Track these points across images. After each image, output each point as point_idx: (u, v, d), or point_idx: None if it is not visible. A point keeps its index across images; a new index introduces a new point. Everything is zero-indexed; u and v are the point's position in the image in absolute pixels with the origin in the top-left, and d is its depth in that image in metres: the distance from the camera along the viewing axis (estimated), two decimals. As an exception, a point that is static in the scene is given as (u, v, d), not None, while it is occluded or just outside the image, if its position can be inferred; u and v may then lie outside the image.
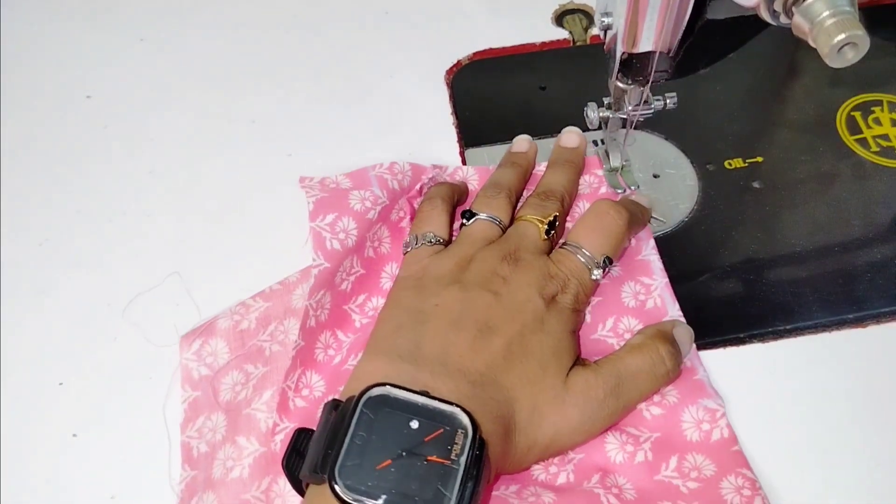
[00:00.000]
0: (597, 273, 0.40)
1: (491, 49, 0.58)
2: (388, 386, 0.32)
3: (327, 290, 0.41)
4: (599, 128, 0.47)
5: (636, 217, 0.42)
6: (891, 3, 0.58)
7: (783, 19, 0.32)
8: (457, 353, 0.36)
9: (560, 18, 0.59)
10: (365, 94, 0.55)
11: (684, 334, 0.39)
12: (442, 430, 0.31)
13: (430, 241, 0.42)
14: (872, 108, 0.51)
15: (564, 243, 0.41)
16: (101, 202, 0.50)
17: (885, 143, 0.50)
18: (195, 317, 0.44)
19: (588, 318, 0.41)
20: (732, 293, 0.43)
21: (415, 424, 0.31)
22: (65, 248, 0.48)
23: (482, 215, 0.43)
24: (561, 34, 0.58)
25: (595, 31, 0.58)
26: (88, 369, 0.43)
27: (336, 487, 0.30)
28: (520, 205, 0.45)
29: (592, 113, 0.45)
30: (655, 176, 0.49)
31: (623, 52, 0.39)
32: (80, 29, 0.61)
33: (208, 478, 0.38)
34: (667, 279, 0.42)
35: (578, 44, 0.58)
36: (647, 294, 0.42)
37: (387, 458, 0.30)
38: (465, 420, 0.32)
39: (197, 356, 0.42)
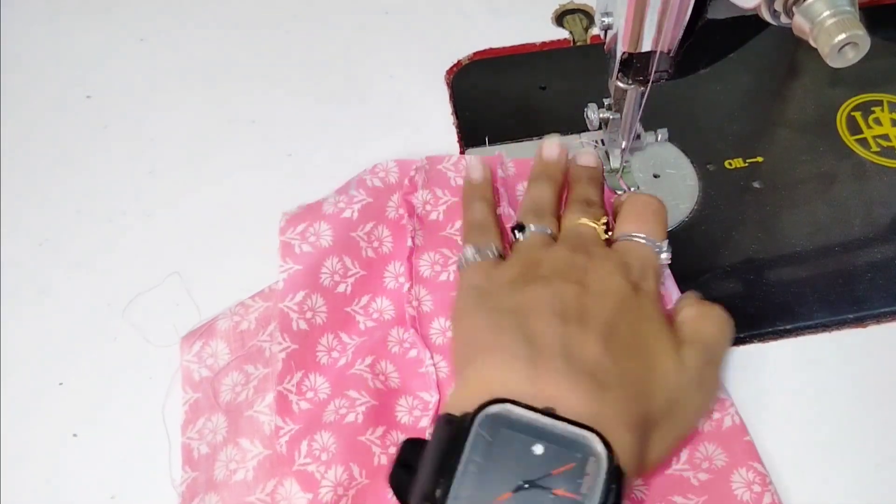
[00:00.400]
0: (665, 255, 0.39)
1: (491, 49, 0.57)
2: (507, 403, 0.29)
3: (314, 293, 0.41)
4: (599, 128, 0.47)
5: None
6: (891, 3, 0.58)
7: (783, 19, 0.32)
8: (576, 343, 0.32)
9: (560, 18, 0.59)
10: (365, 94, 0.55)
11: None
12: (570, 458, 0.28)
13: (494, 253, 0.40)
14: (873, 108, 0.51)
15: (618, 238, 0.39)
16: (101, 202, 0.50)
17: (885, 143, 0.49)
18: (195, 317, 0.44)
19: None
20: (732, 293, 0.43)
21: (539, 450, 0.28)
22: (65, 248, 0.48)
23: (533, 227, 0.40)
24: (561, 34, 0.58)
25: (595, 30, 0.58)
26: (88, 369, 0.43)
27: None
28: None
29: (593, 114, 0.45)
30: (655, 176, 0.49)
31: (623, 52, 0.39)
32: (80, 29, 0.61)
33: (210, 479, 0.38)
34: (667, 270, 0.42)
35: (579, 44, 0.58)
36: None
37: (507, 490, 0.27)
38: (599, 446, 0.28)
39: (197, 358, 0.42)
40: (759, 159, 0.49)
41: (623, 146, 0.47)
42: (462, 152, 0.51)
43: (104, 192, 0.51)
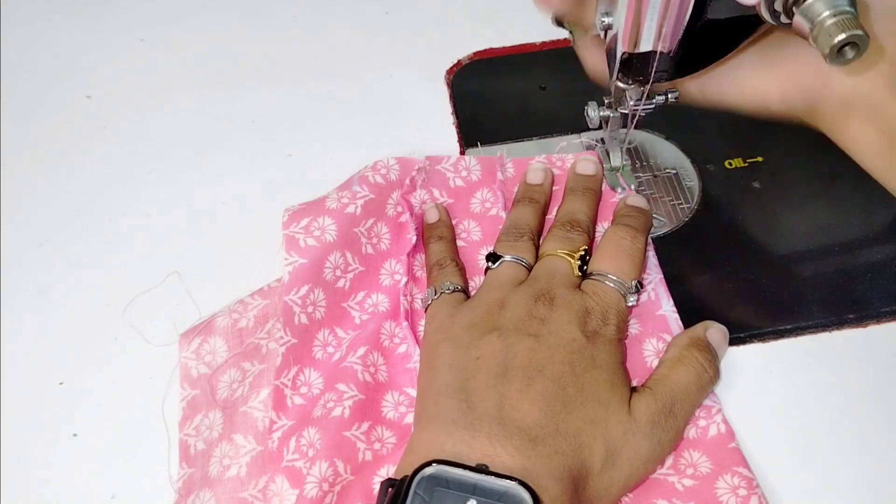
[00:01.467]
0: (632, 299, 0.39)
1: (491, 49, 0.57)
2: (440, 465, 0.31)
3: (316, 287, 0.42)
4: (600, 127, 0.47)
5: (648, 230, 0.42)
6: (891, 2, 0.58)
7: (783, 19, 0.32)
8: (511, 407, 0.34)
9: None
10: (365, 94, 0.55)
11: (718, 334, 0.39)
12: None
13: (449, 289, 0.41)
14: (873, 108, 0.51)
15: (590, 274, 0.40)
16: (101, 202, 0.50)
17: (885, 143, 0.49)
18: (195, 317, 0.44)
19: None
20: (732, 293, 0.43)
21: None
22: (65, 248, 0.48)
23: (507, 257, 0.41)
24: (561, 34, 0.58)
25: (595, 31, 0.58)
26: (88, 369, 0.43)
27: None
28: (543, 236, 0.43)
29: (593, 112, 0.45)
30: (655, 176, 0.49)
31: (623, 52, 0.39)
32: (80, 29, 0.61)
33: (205, 476, 0.38)
34: (661, 275, 0.43)
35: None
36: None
37: None
38: (527, 496, 0.30)
39: (196, 355, 0.42)
40: (760, 159, 0.49)
41: (623, 146, 0.47)
42: (462, 152, 0.51)
43: (104, 192, 0.51)
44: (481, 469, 0.31)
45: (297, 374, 0.40)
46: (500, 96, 0.55)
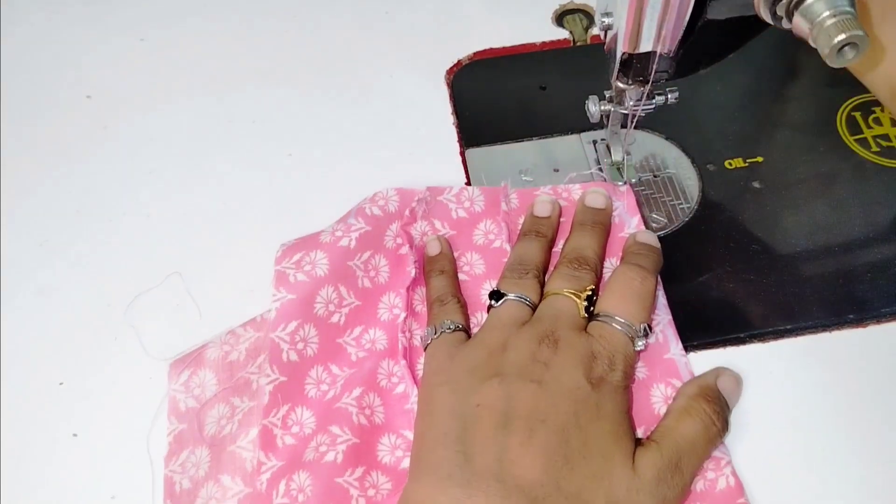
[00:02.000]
0: (640, 343, 0.38)
1: (491, 49, 0.57)
2: None
3: (306, 323, 0.41)
4: (600, 121, 0.47)
5: (658, 270, 0.41)
6: (891, 2, 0.58)
7: (783, 19, 0.32)
8: (511, 462, 0.33)
9: (560, 18, 0.59)
10: (365, 93, 0.55)
11: (730, 382, 0.38)
12: None
13: (450, 328, 0.40)
14: (873, 108, 0.51)
15: (597, 315, 0.38)
16: (101, 202, 0.50)
17: (885, 144, 0.49)
18: (195, 317, 0.44)
19: None
20: (732, 293, 0.43)
21: None
22: (65, 248, 0.48)
23: (511, 296, 0.40)
24: (561, 34, 0.58)
25: (595, 30, 0.58)
26: (88, 369, 0.43)
27: None
28: (549, 272, 0.42)
29: (594, 106, 0.45)
30: (655, 176, 0.49)
31: (623, 53, 0.39)
32: (80, 29, 0.61)
33: None
34: (670, 317, 0.41)
35: (579, 44, 0.58)
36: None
37: None
38: None
39: (185, 387, 0.41)
40: (760, 159, 0.49)
41: (623, 146, 0.47)
42: (462, 152, 0.51)
43: (104, 192, 0.51)
44: None
45: (288, 413, 0.39)
46: (500, 96, 0.55)
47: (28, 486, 0.39)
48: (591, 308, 0.39)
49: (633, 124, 0.44)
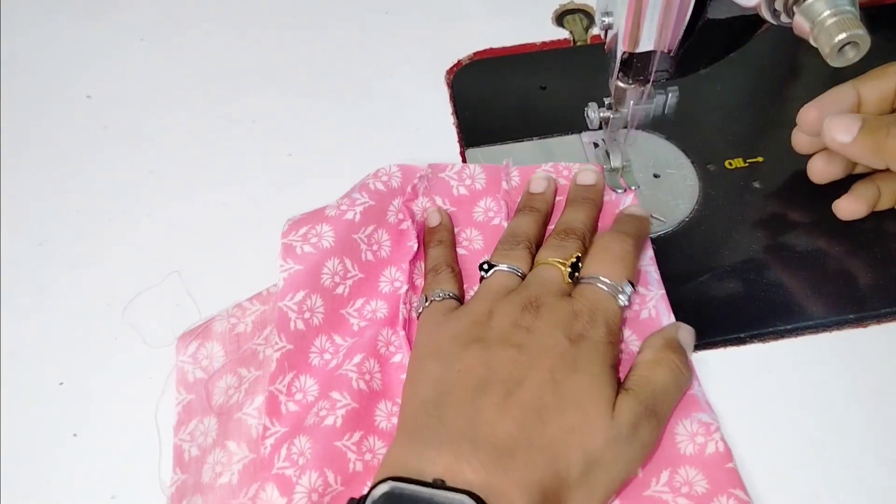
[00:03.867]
0: (623, 298, 0.38)
1: (491, 49, 0.58)
2: (394, 482, 0.31)
3: (313, 293, 0.41)
4: (600, 128, 0.47)
5: (640, 235, 0.42)
6: (891, 3, 0.58)
7: (784, 19, 0.32)
8: (484, 422, 0.33)
9: (560, 18, 0.59)
10: (365, 93, 0.55)
11: (687, 336, 0.39)
12: None
13: (440, 297, 0.41)
14: (873, 108, 0.51)
15: (580, 279, 0.39)
16: (101, 202, 0.50)
17: (885, 143, 0.49)
18: (195, 317, 0.44)
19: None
20: (732, 293, 0.43)
21: None
22: (65, 248, 0.48)
23: (501, 266, 0.40)
24: (561, 34, 0.58)
25: (596, 30, 0.58)
26: (88, 369, 0.43)
27: None
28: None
29: (593, 113, 0.45)
30: (656, 176, 0.49)
31: (624, 52, 0.39)
32: (80, 29, 0.61)
33: (198, 482, 0.38)
34: (663, 291, 0.42)
35: (579, 44, 0.58)
36: (641, 304, 0.41)
37: None
38: None
39: (193, 359, 0.42)
40: (760, 159, 0.49)
41: (623, 146, 0.47)
42: (462, 152, 0.51)
43: (104, 192, 0.51)
44: (437, 485, 0.31)
45: (292, 381, 0.40)
46: (500, 96, 0.55)
47: (28, 486, 0.39)
48: (577, 274, 0.40)
49: (634, 125, 0.44)
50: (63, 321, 0.45)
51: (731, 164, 0.49)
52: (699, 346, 0.41)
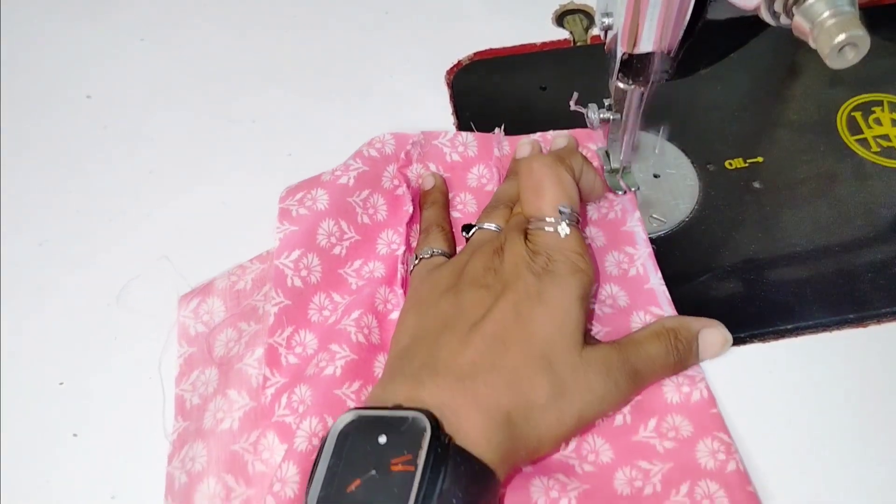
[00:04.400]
0: (563, 228, 0.38)
1: (491, 49, 0.58)
2: (357, 410, 0.33)
3: (309, 252, 0.42)
4: (600, 129, 0.47)
5: (562, 153, 0.42)
6: (891, 2, 0.58)
7: (783, 20, 0.32)
8: (447, 354, 0.35)
9: (560, 18, 0.59)
10: (365, 93, 0.55)
11: (714, 336, 0.39)
12: (407, 440, 0.31)
13: (428, 254, 0.42)
14: (873, 109, 0.51)
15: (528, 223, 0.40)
16: (101, 202, 0.50)
17: (885, 144, 0.49)
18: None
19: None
20: (732, 293, 0.43)
21: (382, 440, 0.31)
22: (65, 248, 0.48)
23: (484, 225, 0.42)
24: (561, 34, 0.58)
25: (596, 31, 0.58)
26: (88, 369, 0.43)
27: None
28: None
29: (593, 114, 0.45)
30: (656, 176, 0.49)
31: (624, 53, 0.39)
32: (80, 29, 0.61)
33: (199, 428, 0.39)
34: (650, 249, 0.43)
35: (579, 44, 0.58)
36: (629, 263, 0.43)
37: (356, 479, 0.30)
38: (426, 422, 0.31)
39: (194, 314, 0.43)
40: (760, 159, 0.49)
41: (623, 147, 0.47)
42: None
43: (104, 192, 0.51)
44: (396, 408, 0.32)
45: (292, 335, 0.41)
46: (500, 96, 0.55)
47: (28, 486, 0.39)
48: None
49: (637, 126, 0.44)
50: (63, 321, 0.45)
51: (731, 164, 0.49)
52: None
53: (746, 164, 0.49)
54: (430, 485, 0.30)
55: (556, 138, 0.48)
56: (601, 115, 0.45)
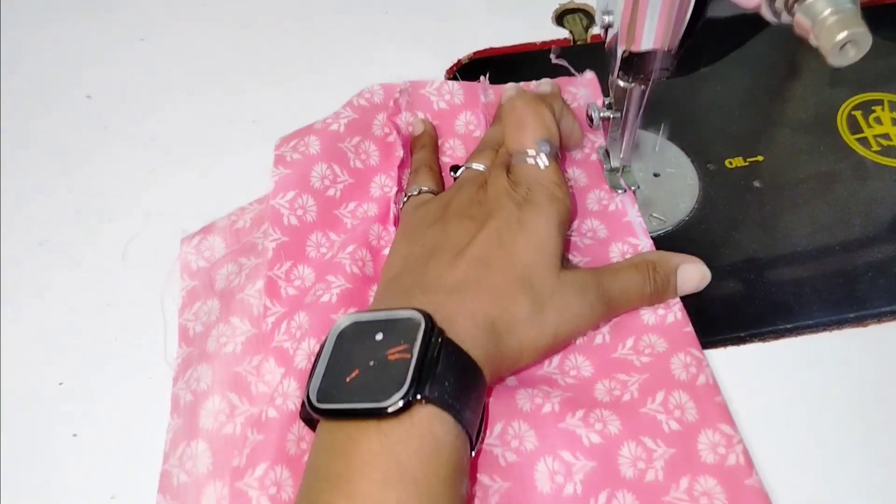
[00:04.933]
0: (543, 160, 0.40)
1: (491, 48, 0.57)
2: (354, 314, 0.35)
3: (304, 193, 0.44)
4: (601, 128, 0.47)
5: (545, 95, 0.44)
6: (891, 2, 0.58)
7: (784, 17, 0.32)
8: (435, 275, 0.37)
9: (560, 18, 0.59)
10: (365, 93, 0.55)
11: (692, 272, 0.41)
12: (402, 334, 0.33)
13: (416, 192, 0.44)
14: (873, 108, 0.51)
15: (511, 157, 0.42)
16: (101, 202, 0.50)
17: (885, 143, 0.49)
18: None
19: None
20: (732, 292, 0.43)
21: (379, 336, 0.33)
22: (65, 248, 0.48)
23: (470, 165, 0.44)
24: (561, 34, 0.58)
25: (596, 30, 0.58)
26: (88, 369, 0.43)
27: (314, 405, 0.32)
28: None
29: (594, 113, 0.45)
30: (656, 175, 0.49)
31: (624, 51, 0.39)
32: (80, 29, 0.61)
33: (203, 352, 0.41)
34: (630, 190, 0.46)
35: (579, 43, 0.58)
36: (609, 200, 0.45)
37: (355, 369, 0.32)
38: (420, 317, 0.33)
39: (196, 250, 0.45)
40: (760, 158, 0.49)
41: (623, 145, 0.47)
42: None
43: (104, 192, 0.51)
44: (387, 309, 0.34)
45: (290, 269, 0.42)
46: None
47: (28, 486, 0.39)
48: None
49: (637, 125, 0.44)
50: (63, 321, 0.44)
51: (731, 163, 0.49)
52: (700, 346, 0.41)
53: (747, 163, 0.49)
54: (426, 369, 0.31)
55: (540, 85, 0.49)
56: (601, 114, 0.45)
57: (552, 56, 0.47)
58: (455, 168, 0.46)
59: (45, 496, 0.38)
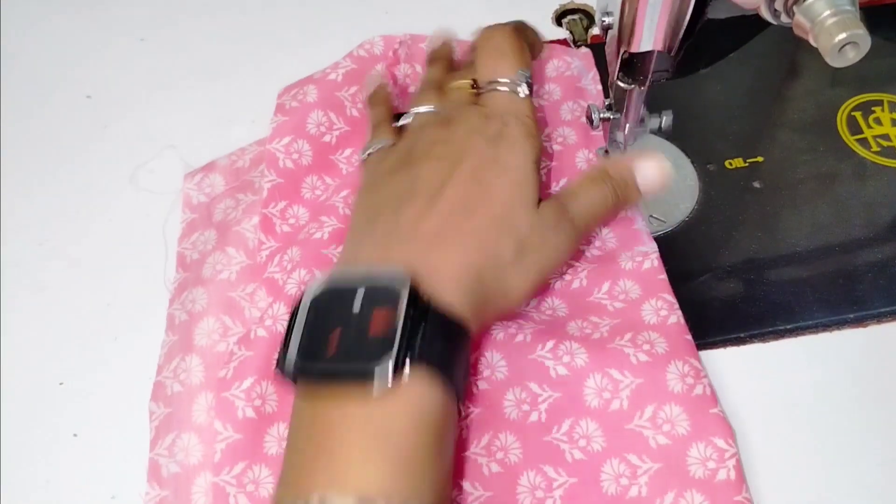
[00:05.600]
0: (522, 89, 0.40)
1: (491, 49, 0.57)
2: (329, 279, 0.33)
3: (299, 138, 0.45)
4: (601, 129, 0.47)
5: (519, 26, 0.44)
6: (891, 2, 0.58)
7: (784, 18, 0.32)
8: (410, 222, 0.35)
9: (560, 18, 0.59)
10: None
11: (651, 168, 0.40)
12: (383, 296, 0.31)
13: (374, 147, 0.42)
14: (873, 108, 0.51)
15: (480, 87, 0.41)
16: (101, 202, 0.50)
17: (885, 143, 0.49)
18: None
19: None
20: (732, 293, 0.43)
21: (359, 299, 0.31)
22: (65, 248, 0.48)
23: (417, 109, 0.42)
24: (561, 34, 0.58)
25: (596, 30, 0.58)
26: (88, 369, 0.43)
27: (291, 371, 0.31)
28: None
29: (594, 114, 0.45)
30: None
31: (624, 51, 0.39)
32: (80, 29, 0.61)
33: (198, 276, 0.42)
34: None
35: (579, 43, 0.58)
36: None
37: (334, 334, 0.31)
38: (403, 276, 0.31)
39: (197, 186, 0.48)
40: (760, 159, 0.49)
41: (623, 146, 0.47)
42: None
43: (104, 192, 0.51)
44: (368, 274, 0.33)
45: (285, 209, 0.44)
46: (501, 96, 0.55)
47: (28, 486, 0.39)
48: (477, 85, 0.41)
49: (637, 125, 0.44)
50: (63, 321, 0.45)
51: (731, 164, 0.49)
52: (699, 347, 0.41)
53: (746, 164, 0.49)
54: (410, 338, 0.30)
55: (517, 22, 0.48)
56: (601, 115, 0.45)
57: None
58: (398, 116, 0.44)
59: (45, 496, 0.38)
